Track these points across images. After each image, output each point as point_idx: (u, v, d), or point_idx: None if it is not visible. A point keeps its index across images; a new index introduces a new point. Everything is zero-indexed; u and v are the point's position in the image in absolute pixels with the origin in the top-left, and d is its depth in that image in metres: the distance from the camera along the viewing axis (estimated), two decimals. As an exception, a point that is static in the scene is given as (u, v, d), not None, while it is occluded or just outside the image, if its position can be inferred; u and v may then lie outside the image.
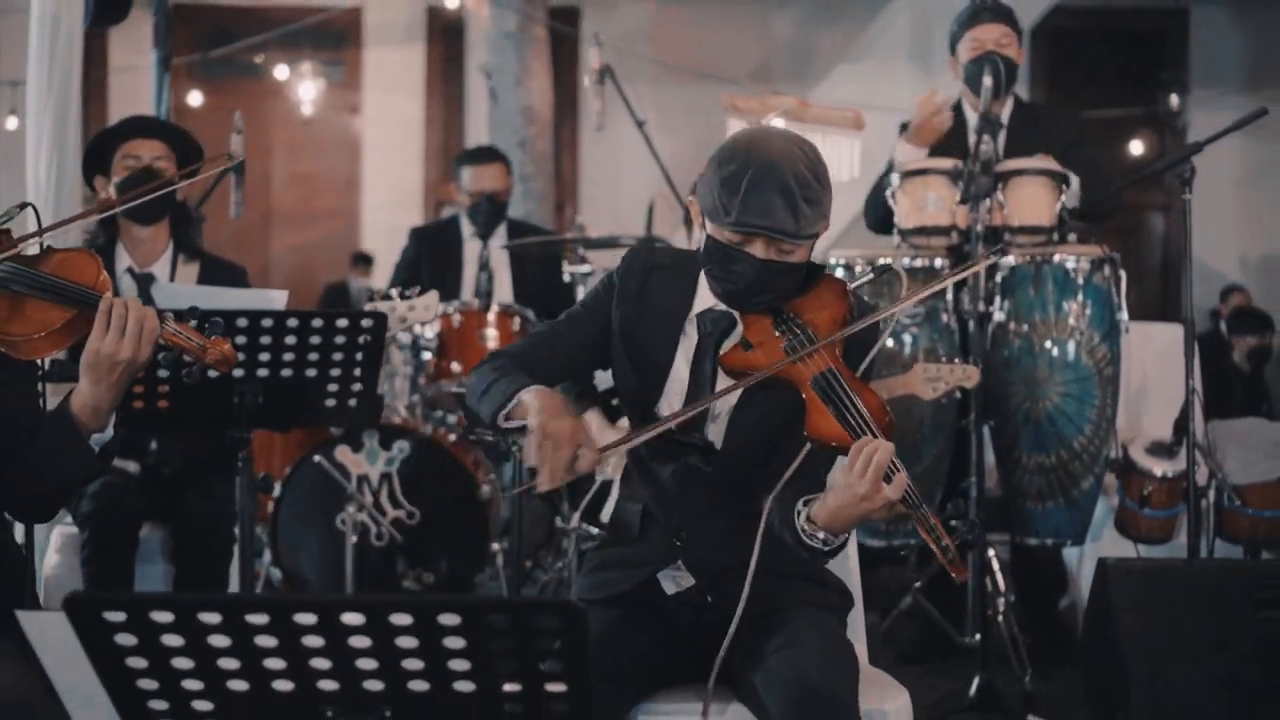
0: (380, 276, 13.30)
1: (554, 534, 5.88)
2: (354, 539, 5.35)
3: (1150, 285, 13.17)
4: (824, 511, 2.70)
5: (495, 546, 5.64)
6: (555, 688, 2.06)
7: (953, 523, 2.71)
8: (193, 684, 2.06)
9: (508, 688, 2.06)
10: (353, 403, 3.98)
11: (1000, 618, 4.92)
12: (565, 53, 12.11)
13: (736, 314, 2.94)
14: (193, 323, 2.89)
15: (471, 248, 6.57)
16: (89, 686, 2.10)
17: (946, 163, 5.06)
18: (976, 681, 4.66)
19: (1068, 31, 13.14)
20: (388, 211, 13.71)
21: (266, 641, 2.01)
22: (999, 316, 5.03)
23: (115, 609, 1.99)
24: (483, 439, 4.47)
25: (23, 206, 3.00)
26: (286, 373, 3.86)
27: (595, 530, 4.44)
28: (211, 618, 1.99)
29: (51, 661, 2.09)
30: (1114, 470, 5.24)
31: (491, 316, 5.76)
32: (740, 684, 2.83)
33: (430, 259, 6.59)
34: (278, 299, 3.98)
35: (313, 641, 2.00)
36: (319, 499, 5.46)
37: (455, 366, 5.70)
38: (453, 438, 5.73)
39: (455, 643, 2.00)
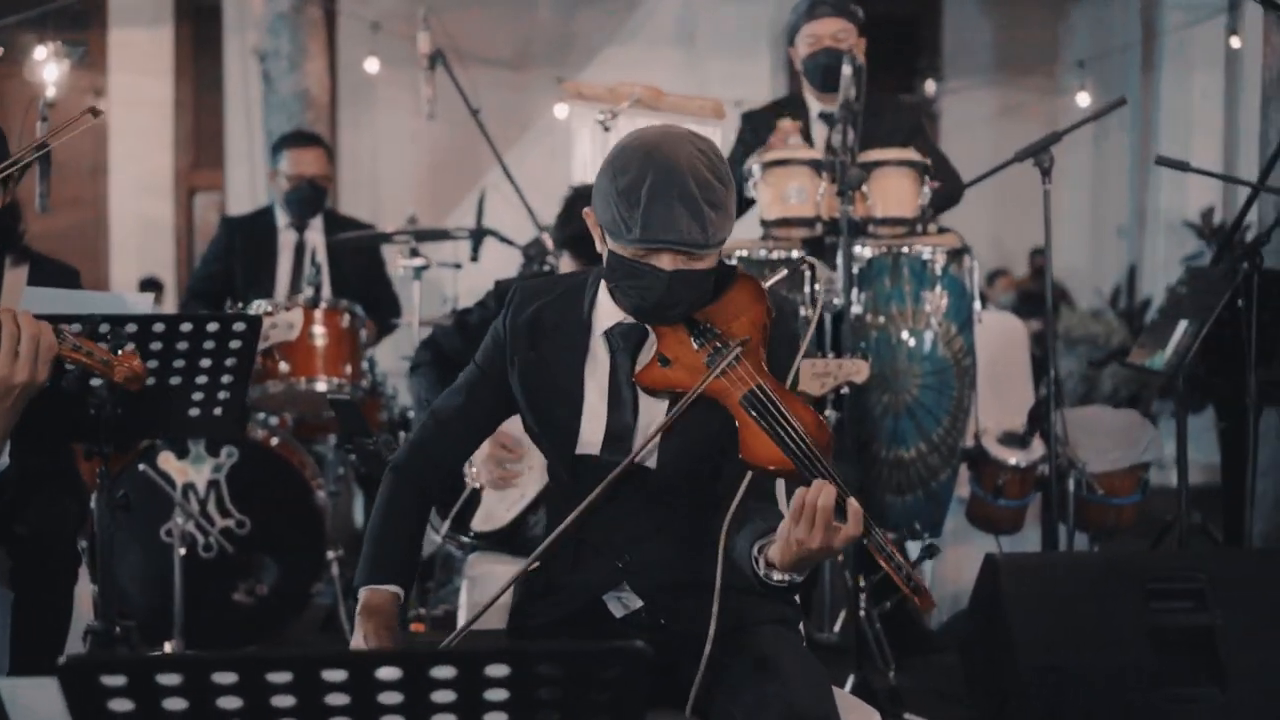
0: (132, 270, 12.80)
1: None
2: (181, 551, 5.04)
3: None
4: (779, 557, 2.54)
5: (331, 554, 5.38)
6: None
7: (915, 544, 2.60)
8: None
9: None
10: (218, 412, 3.70)
11: (863, 613, 4.85)
12: (330, 35, 11.77)
13: (648, 326, 2.77)
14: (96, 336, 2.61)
15: (287, 238, 6.27)
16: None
17: (810, 153, 4.98)
18: (852, 679, 4.58)
19: (825, 19, 13.25)
20: (137, 199, 13.22)
21: (284, 701, 1.79)
22: (856, 309, 4.96)
23: (114, 673, 1.75)
24: (361, 448, 4.22)
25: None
26: (149, 381, 3.56)
27: (465, 539, 4.23)
28: (226, 677, 1.76)
29: (25, 731, 1.84)
30: (967, 461, 5.23)
31: (319, 313, 5.47)
32: (713, 711, 2.66)
33: (243, 251, 6.25)
34: (142, 303, 3.68)
35: (337, 699, 1.79)
36: (142, 509, 5.13)
37: (283, 367, 5.40)
38: (279, 441, 5.45)
39: (497, 695, 1.81)
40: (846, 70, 4.73)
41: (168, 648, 4.99)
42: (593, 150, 4.81)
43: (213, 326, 3.56)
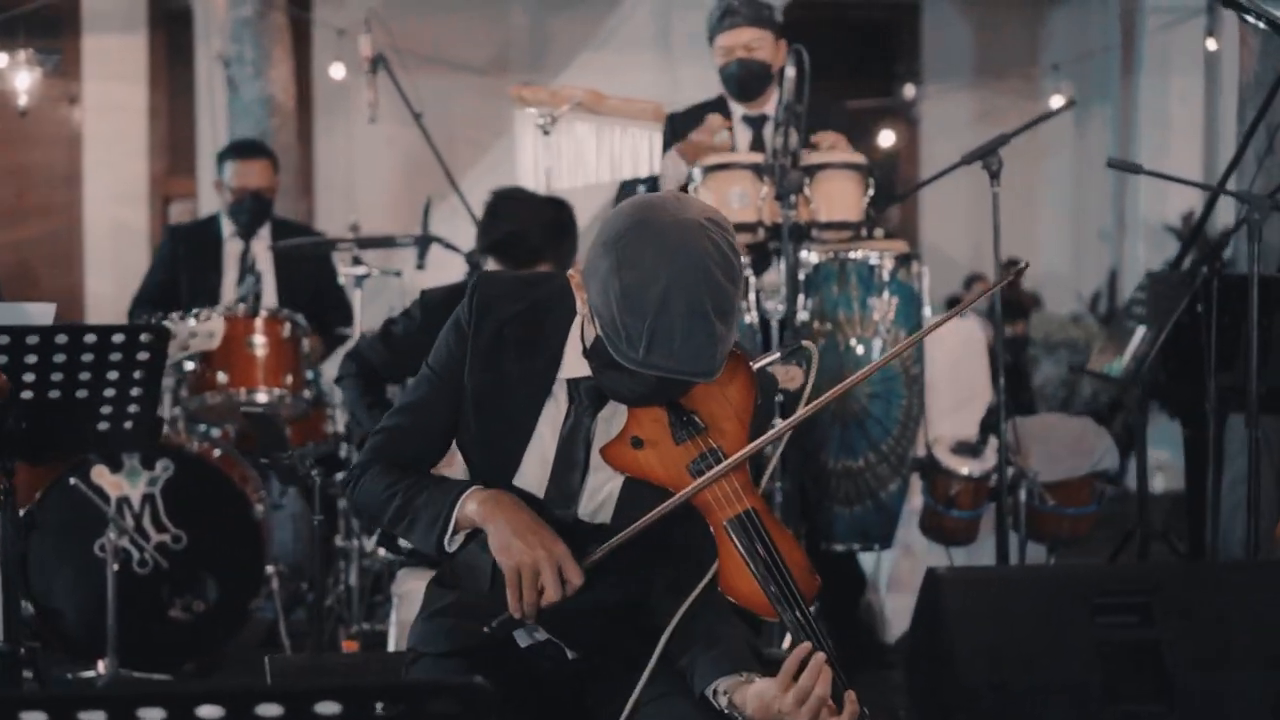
0: (107, 278, 12.69)
1: (333, 554, 5.51)
2: (115, 567, 4.91)
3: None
4: (752, 712, 2.33)
5: (270, 569, 5.26)
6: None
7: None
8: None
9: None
10: (128, 425, 3.60)
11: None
12: (300, 41, 11.67)
13: None
14: None
15: (232, 248, 6.16)
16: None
17: (751, 157, 4.88)
18: (794, 696, 4.46)
19: (804, 24, 13.17)
20: (112, 206, 13.10)
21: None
22: (802, 315, 4.86)
23: (35, 708, 1.63)
24: (277, 462, 4.10)
25: None
26: (54, 394, 3.46)
27: (395, 557, 4.11)
28: (154, 715, 1.64)
29: None
30: (918, 471, 5.11)
31: (259, 323, 5.36)
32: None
33: (188, 260, 6.14)
34: (43, 313, 3.56)
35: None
36: (74, 525, 5.02)
37: (221, 377, 5.29)
38: (219, 453, 5.33)
39: (336, 733, 1.70)
40: (790, 71, 4.62)
41: (101, 667, 4.87)
42: (534, 154, 4.70)
43: (118, 338, 3.46)
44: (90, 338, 3.43)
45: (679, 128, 5.29)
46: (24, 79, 12.30)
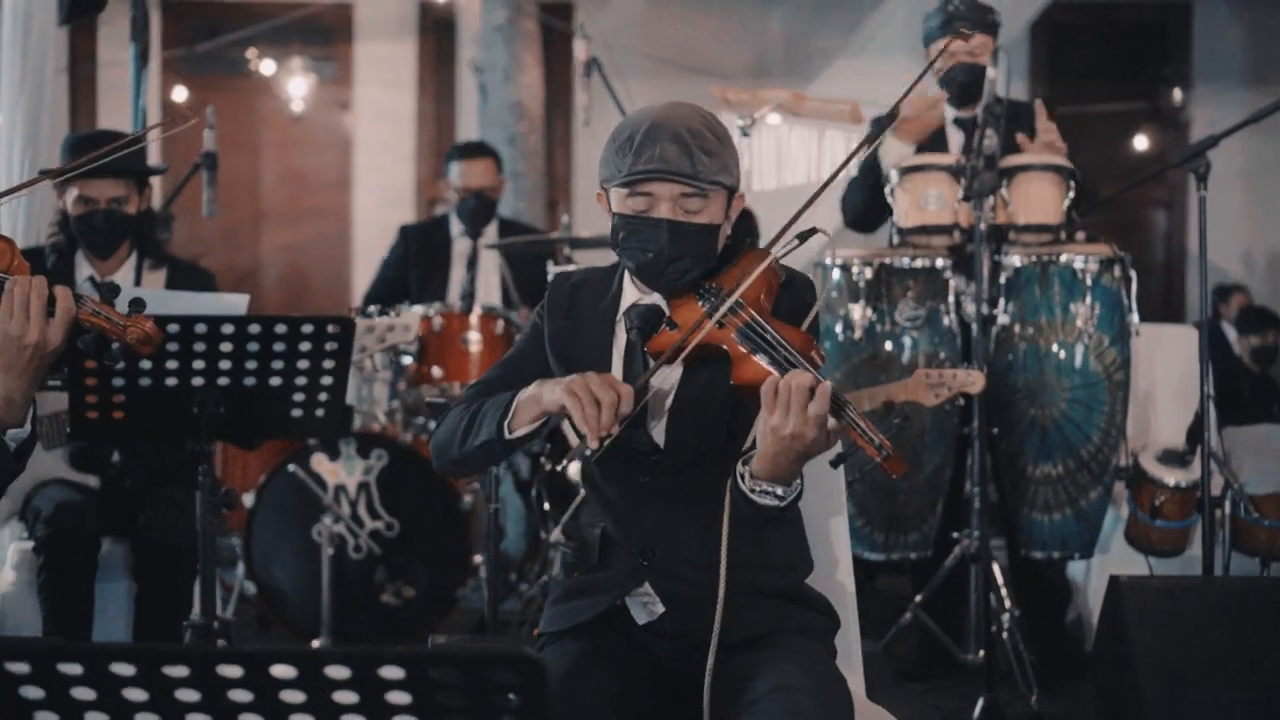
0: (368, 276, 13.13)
1: (539, 546, 5.65)
2: (330, 551, 5.14)
3: (1153, 284, 12.95)
4: (762, 463, 2.51)
5: (478, 558, 5.42)
6: (514, 746, 1.84)
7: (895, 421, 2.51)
8: (111, 742, 1.84)
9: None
10: (320, 413, 3.76)
11: (1005, 634, 4.69)
12: (558, 48, 11.90)
13: (664, 303, 2.74)
14: (114, 301, 2.66)
15: (461, 246, 6.36)
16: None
17: (948, 158, 4.84)
18: (982, 702, 4.43)
19: (1067, 26, 12.96)
20: (380, 210, 13.51)
21: (188, 696, 1.78)
22: (1003, 319, 4.81)
23: (19, 659, 1.77)
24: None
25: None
26: (249, 381, 3.64)
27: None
28: (124, 669, 1.77)
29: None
30: (1124, 480, 5.00)
31: (474, 319, 5.53)
32: (728, 721, 2.58)
33: (418, 258, 6.37)
34: (238, 304, 3.76)
35: (240, 696, 1.78)
36: (294, 510, 5.26)
37: (436, 371, 5.48)
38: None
39: (399, 698, 1.78)
40: (991, 73, 4.59)
41: (315, 645, 5.09)
42: (752, 159, 4.76)
43: (307, 329, 3.62)
44: (281, 328, 3.60)
45: (885, 125, 5.30)
46: (299, 85, 12.84)
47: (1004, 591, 4.75)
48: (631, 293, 2.81)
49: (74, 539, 4.14)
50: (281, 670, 1.75)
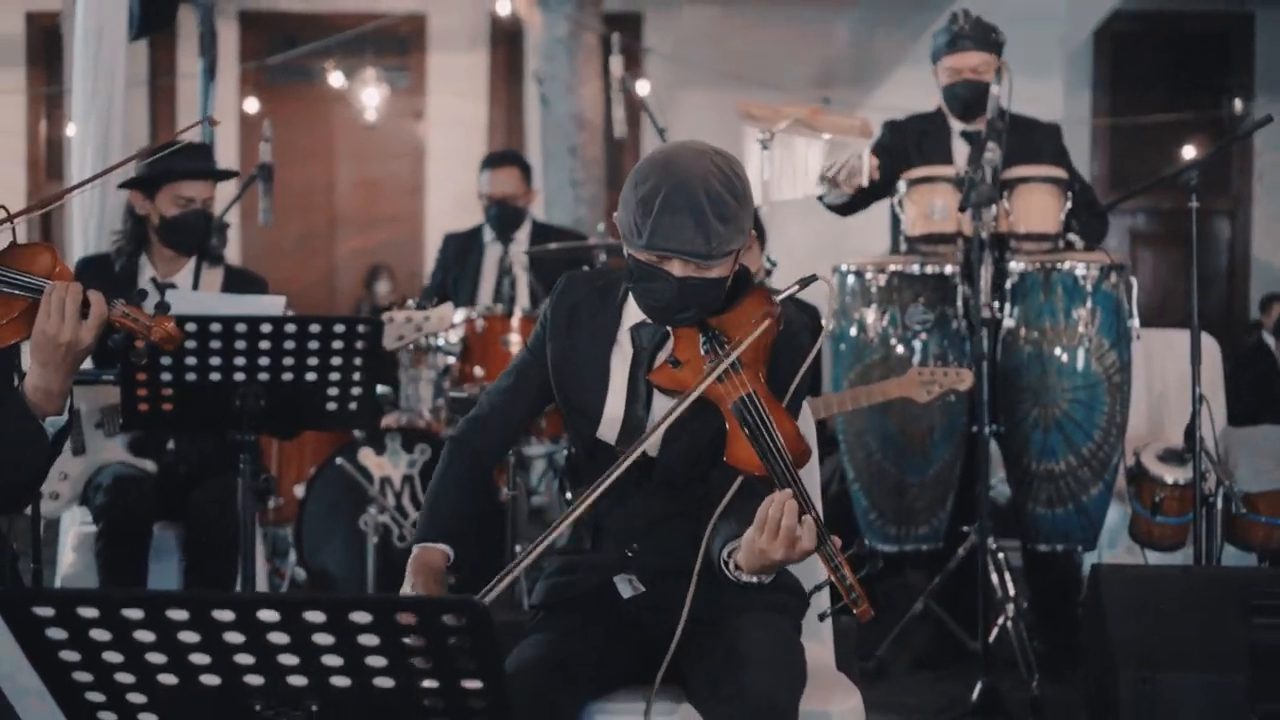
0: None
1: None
2: (375, 540, 5.45)
3: (1215, 291, 13.06)
4: (745, 560, 2.74)
5: (517, 549, 5.70)
6: (471, 684, 2.12)
7: (860, 559, 2.74)
8: (125, 677, 2.14)
9: (426, 684, 2.13)
10: (353, 406, 4.08)
11: (1009, 623, 4.93)
12: (626, 60, 12.17)
13: (669, 328, 2.97)
14: (140, 304, 2.96)
15: (492, 252, 6.68)
16: (31, 680, 2.18)
17: (951, 170, 5.09)
18: (979, 686, 4.67)
19: (1129, 36, 13.09)
20: (452, 217, 13.76)
21: (189, 637, 2.08)
22: (1009, 323, 5.06)
23: (44, 604, 2.07)
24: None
25: (-11, 204, 3.08)
26: (287, 376, 3.95)
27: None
28: (134, 613, 2.07)
29: (-9, 655, 2.18)
30: (1127, 477, 5.24)
31: (515, 322, 5.84)
32: (688, 686, 2.88)
33: (454, 264, 6.71)
34: (276, 305, 4.08)
35: (233, 638, 2.07)
36: (342, 501, 5.57)
37: (478, 371, 5.79)
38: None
39: (369, 640, 2.07)
40: (995, 89, 4.83)
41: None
42: (757, 167, 5.02)
43: (339, 328, 3.93)
44: (315, 327, 3.92)
45: (897, 131, 5.56)
46: (372, 95, 13.19)
47: (1009, 583, 4.98)
48: (635, 311, 3.02)
49: (131, 507, 4.50)
50: (266, 614, 2.05)
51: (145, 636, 2.08)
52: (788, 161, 5.02)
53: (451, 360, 5.88)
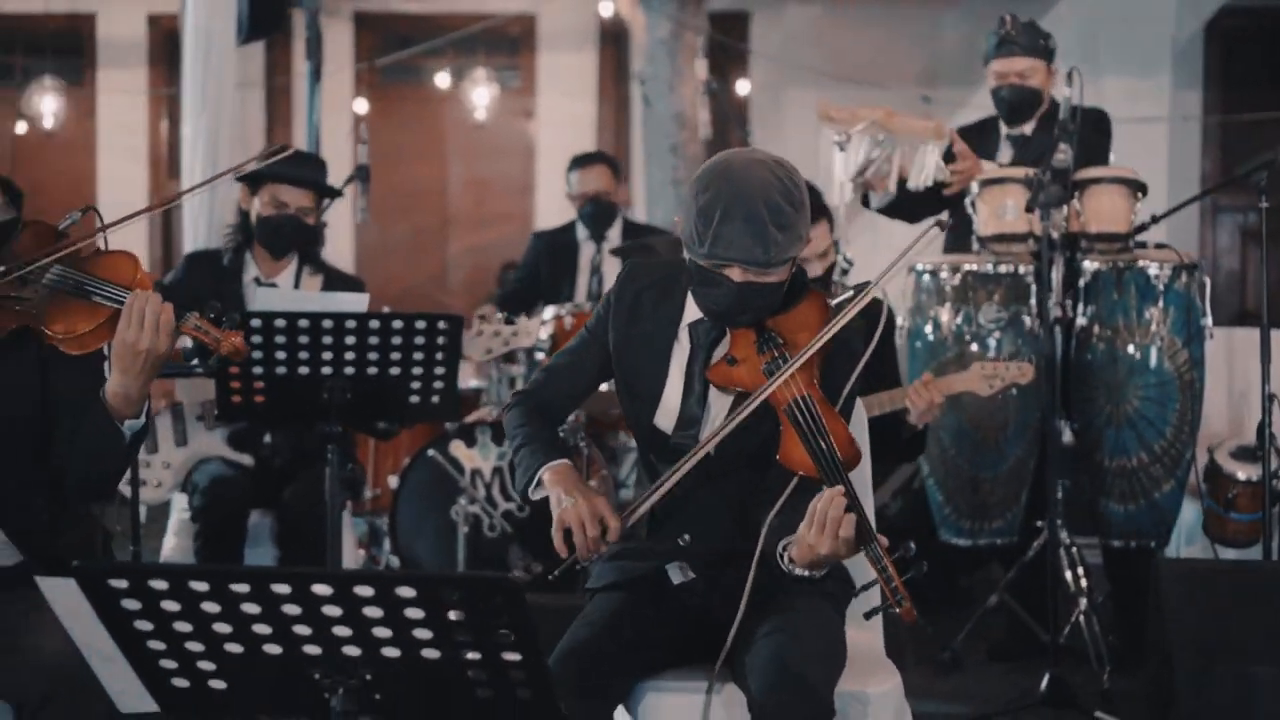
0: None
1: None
2: (466, 530, 5.64)
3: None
4: (798, 555, 2.91)
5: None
6: (511, 656, 2.28)
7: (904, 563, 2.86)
8: (194, 646, 2.32)
9: (469, 656, 2.29)
10: (435, 399, 4.26)
11: (1081, 617, 5.02)
12: (730, 59, 12.30)
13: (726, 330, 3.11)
14: (213, 317, 3.13)
15: (586, 250, 6.86)
16: (109, 647, 2.37)
17: (1024, 172, 5.17)
18: (1047, 677, 4.76)
19: (1240, 31, 12.98)
20: (560, 215, 13.94)
21: (251, 608, 2.25)
22: (1081, 321, 5.15)
23: (118, 577, 2.26)
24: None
25: (85, 211, 3.27)
26: (372, 371, 4.15)
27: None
28: (200, 586, 2.25)
29: (72, 623, 2.37)
30: (1203, 474, 5.30)
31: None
32: (735, 666, 3.02)
33: (548, 262, 6.89)
34: (358, 302, 4.27)
35: (291, 609, 2.25)
36: (434, 492, 5.77)
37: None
38: (562, 433, 5.98)
39: (414, 613, 2.24)
40: (1065, 91, 4.92)
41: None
42: (836, 170, 5.17)
43: (421, 324, 4.11)
44: (398, 324, 4.10)
45: (966, 135, 5.62)
46: (482, 95, 13.41)
47: (1082, 578, 5.07)
48: (696, 310, 3.17)
49: (225, 509, 4.72)
50: (320, 588, 2.22)
51: (211, 608, 2.26)
52: (862, 162, 5.16)
53: (540, 356, 6.05)
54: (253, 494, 4.87)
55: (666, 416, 3.17)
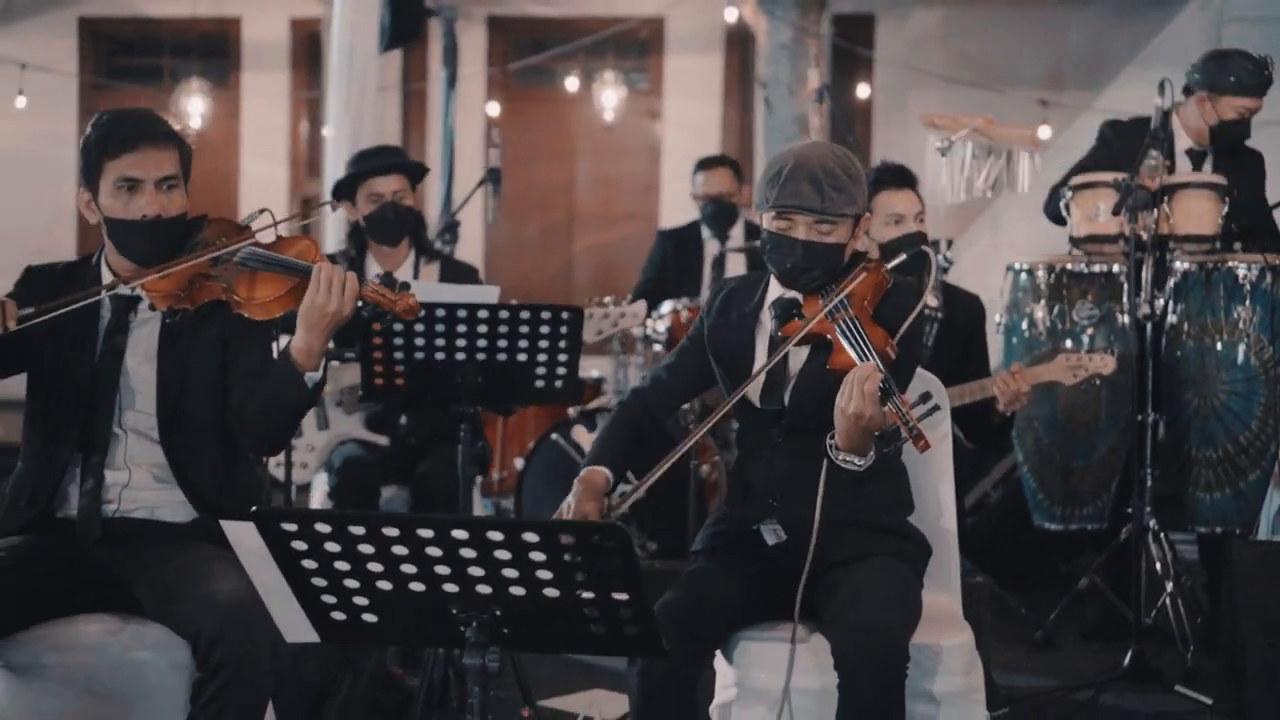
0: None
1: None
2: (590, 510, 6.00)
3: None
4: (841, 438, 3.27)
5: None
6: (620, 596, 2.64)
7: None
8: (351, 583, 2.70)
9: (584, 594, 2.66)
10: (558, 384, 4.63)
11: (1167, 599, 5.29)
12: (855, 65, 12.54)
13: (801, 297, 3.52)
14: (387, 283, 3.55)
15: (710, 248, 7.21)
16: (279, 582, 2.76)
17: (1113, 176, 5.43)
18: (1130, 652, 5.03)
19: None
20: (685, 215, 14.19)
21: (399, 550, 2.63)
22: (1171, 319, 5.42)
23: (289, 521, 2.65)
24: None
25: (262, 211, 3.71)
26: (501, 357, 4.52)
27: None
28: (358, 529, 2.63)
29: (250, 563, 2.76)
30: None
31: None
32: (819, 618, 3.38)
33: (674, 259, 7.25)
34: (491, 294, 4.65)
35: (434, 551, 2.62)
36: (557, 473, 6.15)
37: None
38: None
39: (537, 556, 2.60)
40: (1158, 100, 5.18)
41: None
42: (936, 172, 5.48)
43: (545, 314, 4.49)
44: (525, 314, 4.48)
45: (1121, 134, 5.85)
46: (611, 96, 13.76)
47: (1170, 562, 5.34)
48: (775, 290, 3.63)
49: (357, 488, 5.14)
50: (457, 533, 2.60)
51: (366, 549, 2.64)
52: (962, 167, 5.46)
53: (658, 348, 6.43)
54: (388, 471, 5.29)
55: (756, 387, 3.55)
